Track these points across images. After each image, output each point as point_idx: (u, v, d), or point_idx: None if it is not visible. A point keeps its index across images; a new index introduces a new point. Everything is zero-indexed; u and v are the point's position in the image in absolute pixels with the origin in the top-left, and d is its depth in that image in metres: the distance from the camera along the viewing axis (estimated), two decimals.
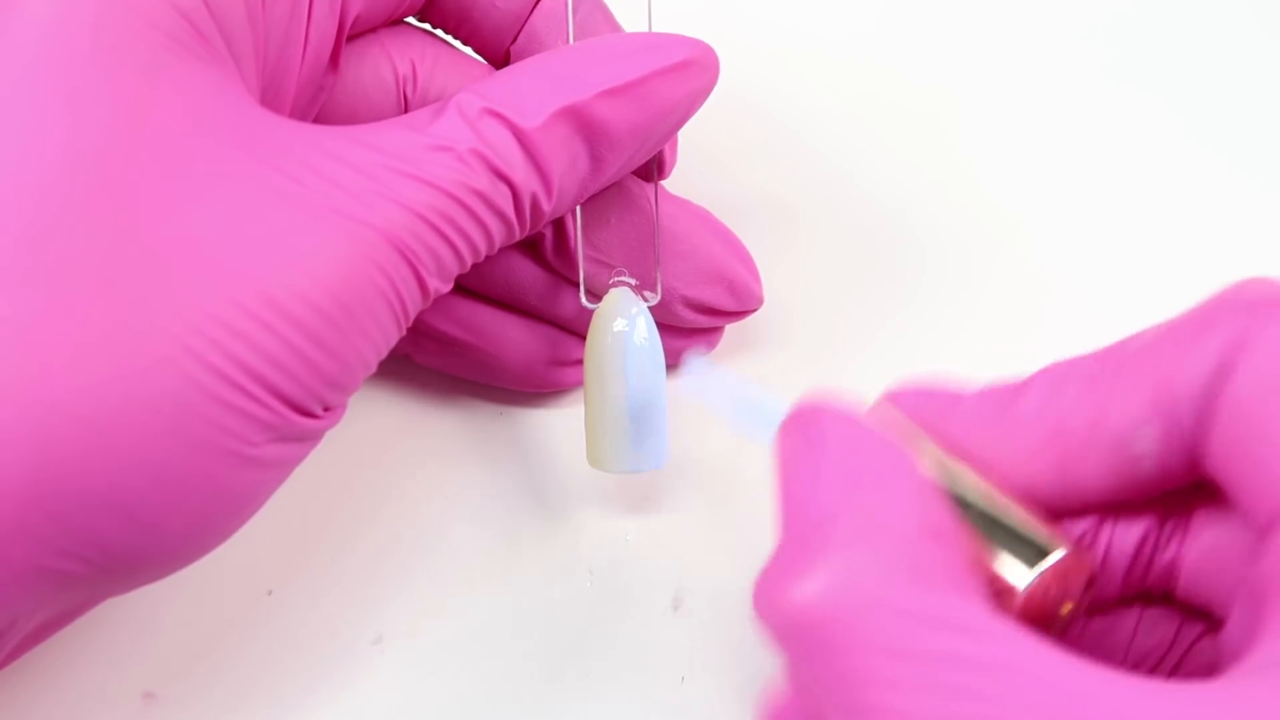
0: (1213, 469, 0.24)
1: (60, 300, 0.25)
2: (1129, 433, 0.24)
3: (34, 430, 0.25)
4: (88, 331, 0.25)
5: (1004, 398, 0.26)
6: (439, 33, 0.34)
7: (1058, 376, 0.26)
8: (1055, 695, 0.20)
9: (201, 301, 0.26)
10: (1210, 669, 0.26)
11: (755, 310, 0.36)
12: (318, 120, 0.33)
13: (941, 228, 0.40)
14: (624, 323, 0.33)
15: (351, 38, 0.32)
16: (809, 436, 0.25)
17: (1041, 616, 0.25)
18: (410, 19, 0.34)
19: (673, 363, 0.35)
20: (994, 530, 0.25)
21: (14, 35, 0.26)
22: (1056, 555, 0.24)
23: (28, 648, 0.28)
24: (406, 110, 0.33)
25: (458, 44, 0.34)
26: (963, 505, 0.25)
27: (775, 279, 0.37)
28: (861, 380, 0.37)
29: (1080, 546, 0.25)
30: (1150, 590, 0.27)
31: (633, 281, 0.34)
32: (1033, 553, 0.24)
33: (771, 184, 0.40)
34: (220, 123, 0.27)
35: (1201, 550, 0.26)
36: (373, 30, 0.33)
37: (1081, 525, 0.26)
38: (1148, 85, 0.42)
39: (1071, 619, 0.25)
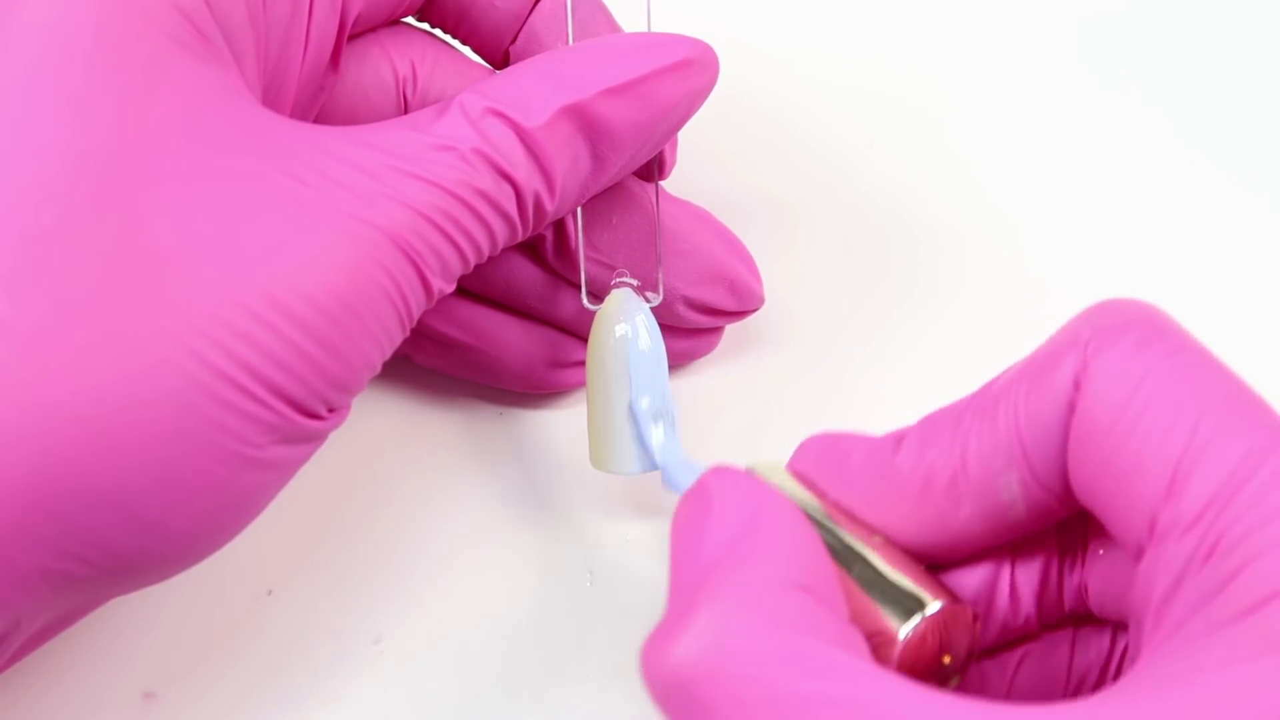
0: (1082, 501, 0.25)
1: (62, 301, 0.25)
2: (992, 482, 0.25)
3: (36, 431, 0.25)
4: (90, 333, 0.25)
5: (885, 451, 0.26)
6: (439, 33, 0.34)
7: (930, 427, 0.26)
8: None
9: (204, 302, 0.26)
10: None
11: (756, 310, 0.36)
12: (317, 120, 0.33)
13: (940, 228, 0.40)
14: (626, 324, 0.33)
15: (351, 38, 0.32)
16: (699, 501, 0.25)
17: (923, 668, 0.25)
18: (410, 19, 0.34)
19: (674, 364, 0.36)
20: (874, 587, 0.25)
21: (15, 35, 0.26)
22: (932, 608, 0.25)
23: (31, 649, 0.28)
24: (406, 111, 0.33)
25: (457, 44, 0.34)
26: (846, 564, 0.26)
27: (775, 279, 0.37)
28: (861, 380, 0.38)
29: (956, 598, 0.26)
30: (1074, 613, 0.27)
31: (634, 282, 0.34)
32: (909, 606, 0.25)
33: (771, 184, 0.40)
34: (222, 123, 0.27)
35: (1102, 572, 0.26)
36: (373, 30, 0.33)
37: (981, 570, 0.27)
38: (1145, 87, 0.42)
39: (954, 669, 0.26)
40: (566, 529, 0.35)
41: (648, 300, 0.34)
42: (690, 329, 0.36)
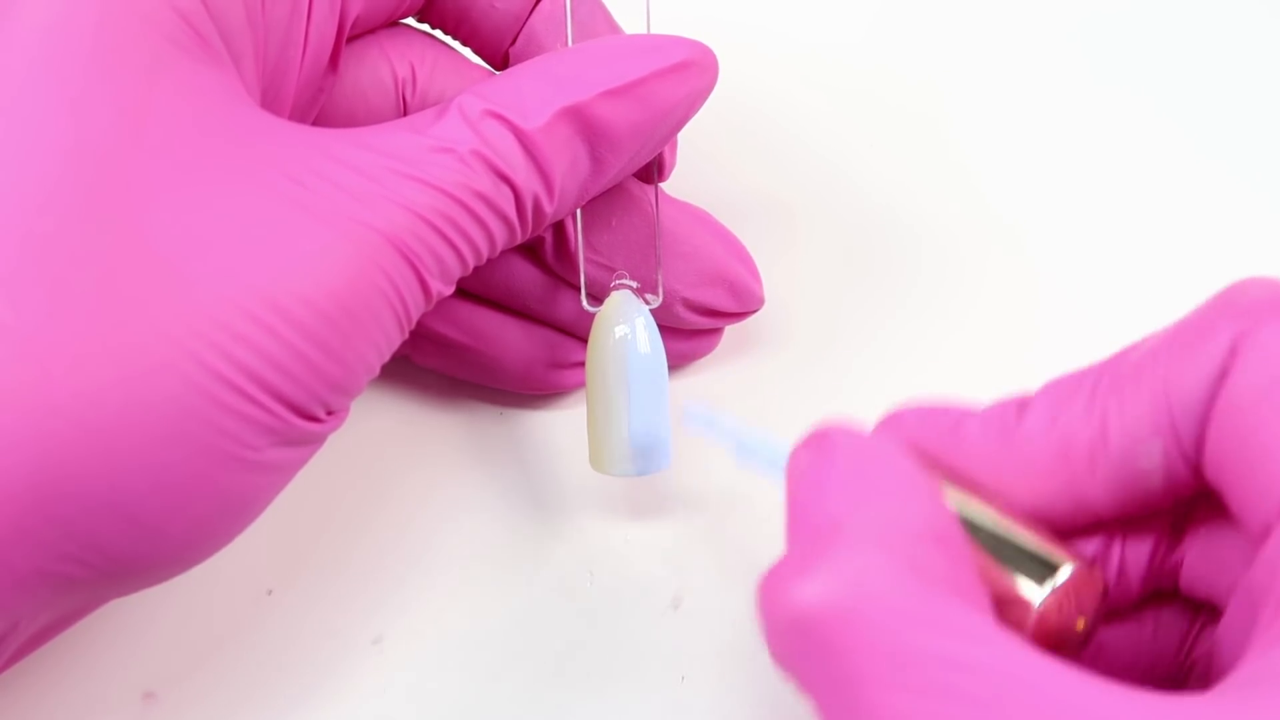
0: (1211, 476, 0.24)
1: (61, 304, 0.25)
2: (1134, 449, 0.24)
3: (35, 434, 0.25)
4: (89, 336, 0.25)
5: (1007, 418, 0.26)
6: (438, 35, 0.34)
7: (1060, 393, 0.25)
8: (1050, 703, 0.20)
9: (204, 305, 0.26)
10: (1210, 659, 0.26)
11: (756, 311, 0.36)
12: (316, 122, 0.33)
13: (940, 228, 0.40)
14: (625, 326, 0.33)
15: (350, 39, 0.32)
16: (819, 452, 0.24)
17: (1057, 634, 0.25)
18: (409, 20, 0.34)
19: (674, 365, 0.35)
20: (1004, 551, 0.25)
21: (15, 38, 0.26)
22: (1067, 571, 0.24)
23: (30, 650, 0.28)
24: (405, 112, 0.33)
25: (457, 46, 0.34)
26: (972, 528, 0.25)
27: (775, 280, 0.37)
28: (861, 380, 0.38)
29: (1090, 562, 0.25)
30: (1162, 589, 0.27)
31: (634, 284, 0.34)
32: (1044, 570, 0.24)
33: (770, 185, 0.40)
34: (221, 125, 0.27)
35: (1200, 547, 0.26)
36: (372, 32, 0.33)
37: (1092, 543, 0.26)
38: (1144, 88, 0.42)
39: (1087, 635, 0.25)
40: (566, 529, 0.35)
41: (647, 302, 0.34)
42: (690, 330, 0.36)
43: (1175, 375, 0.24)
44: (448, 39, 0.34)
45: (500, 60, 0.34)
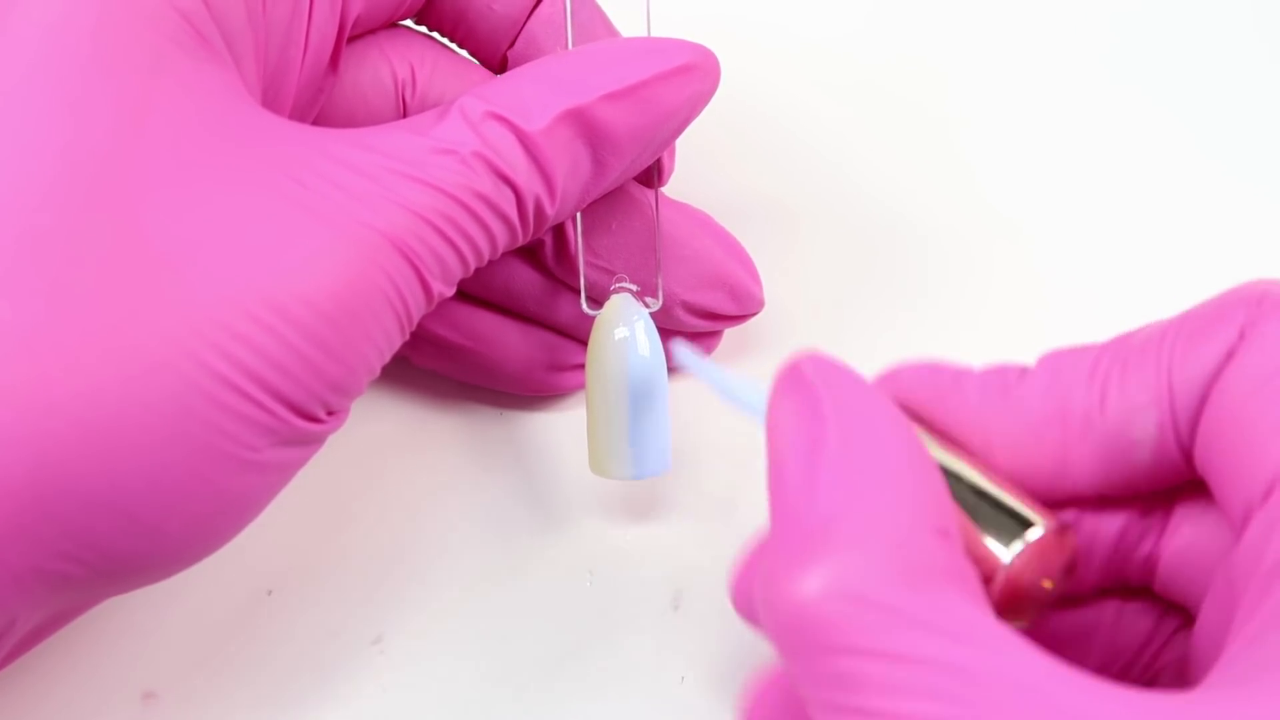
0: (1199, 460, 0.24)
1: (60, 303, 0.25)
2: (1129, 418, 0.25)
3: (33, 433, 0.25)
4: (87, 335, 0.25)
5: (1007, 380, 0.26)
6: (437, 36, 0.34)
7: (1062, 363, 0.26)
8: (1034, 703, 0.21)
9: (203, 305, 0.26)
10: (1184, 663, 0.26)
11: (756, 313, 0.36)
12: (315, 123, 0.33)
13: (941, 230, 0.40)
14: (625, 329, 0.33)
15: (350, 40, 0.32)
16: (806, 406, 0.24)
17: (1023, 591, 0.25)
18: (408, 22, 0.34)
19: (673, 367, 0.35)
20: (981, 505, 0.25)
21: (14, 37, 0.26)
22: (1036, 531, 0.25)
23: (27, 648, 0.28)
24: (404, 114, 0.33)
25: (456, 48, 0.34)
26: (952, 482, 0.25)
27: (775, 282, 0.36)
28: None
29: (1064, 524, 0.25)
30: (1129, 583, 0.27)
31: (634, 287, 0.34)
32: (1018, 527, 0.25)
33: (771, 187, 0.40)
34: (222, 125, 0.27)
35: (1179, 546, 0.26)
36: (371, 32, 0.33)
37: (1065, 513, 0.26)
38: (1147, 87, 0.42)
39: (1053, 596, 0.26)
40: (566, 529, 0.36)
41: (647, 305, 0.34)
42: (689, 333, 0.36)
43: (1181, 354, 0.24)
44: (447, 41, 0.34)
45: (498, 62, 0.34)
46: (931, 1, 0.44)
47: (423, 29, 0.34)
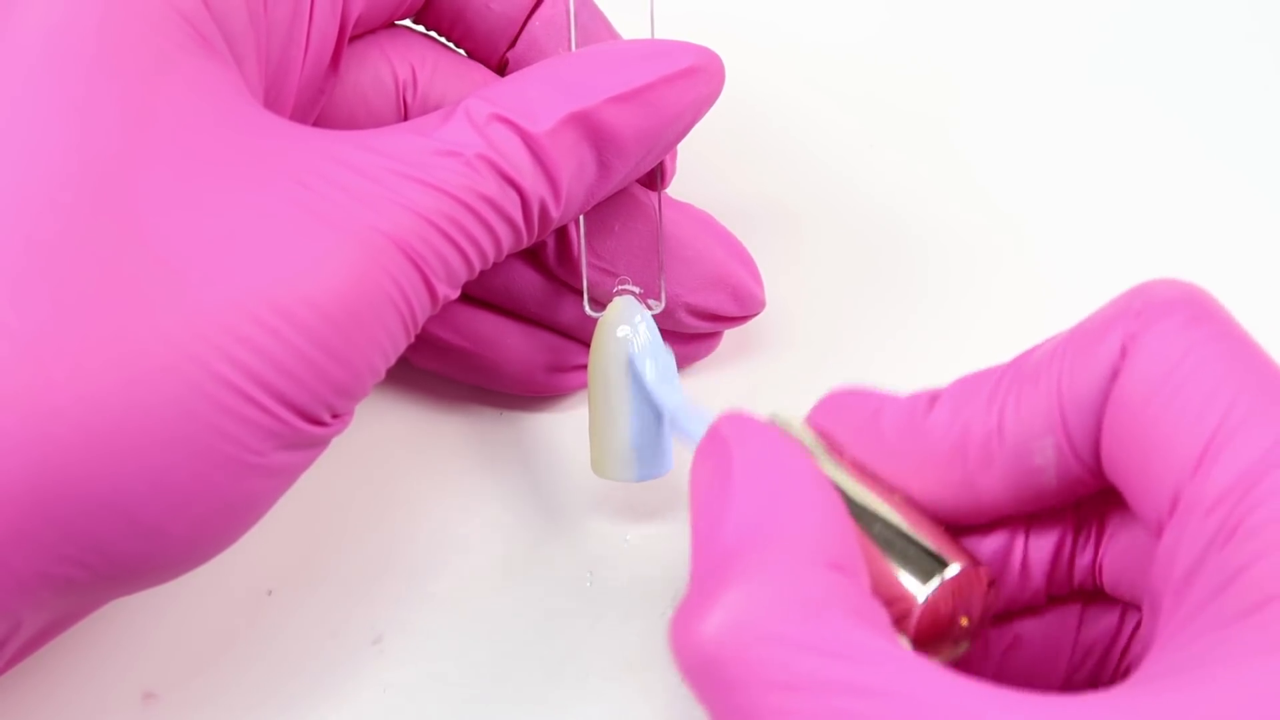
0: (1109, 475, 0.25)
1: (65, 307, 0.25)
2: (1027, 446, 0.25)
3: (37, 437, 0.25)
4: (92, 339, 0.25)
5: (916, 410, 0.26)
6: (437, 37, 0.34)
7: (966, 388, 0.26)
8: (936, 714, 0.21)
9: (208, 308, 0.26)
10: None
11: (758, 314, 0.36)
12: (316, 124, 0.32)
13: (943, 231, 0.40)
14: (628, 330, 0.33)
15: (351, 40, 0.32)
16: (718, 457, 0.25)
17: (940, 630, 0.25)
18: (407, 22, 0.34)
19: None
20: (894, 546, 0.25)
21: (18, 41, 0.26)
22: (951, 570, 0.25)
23: (30, 650, 0.28)
24: (406, 115, 0.33)
25: (455, 48, 0.34)
26: (865, 522, 0.26)
27: (776, 282, 0.37)
28: (862, 383, 0.37)
29: (976, 562, 0.26)
30: (1084, 587, 0.27)
31: (636, 289, 0.34)
32: (930, 567, 0.25)
33: (773, 188, 0.40)
34: (226, 127, 0.27)
35: (1118, 550, 0.26)
36: (372, 32, 0.33)
37: (995, 538, 0.27)
38: (1147, 87, 0.42)
39: (973, 632, 0.26)
40: (566, 529, 0.36)
41: (650, 307, 0.34)
42: (690, 333, 0.36)
43: (1068, 376, 0.25)
44: (447, 41, 0.34)
45: (497, 62, 0.34)
46: (932, 4, 0.44)
47: (421, 28, 0.34)
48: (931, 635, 0.25)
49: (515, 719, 0.33)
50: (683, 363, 0.37)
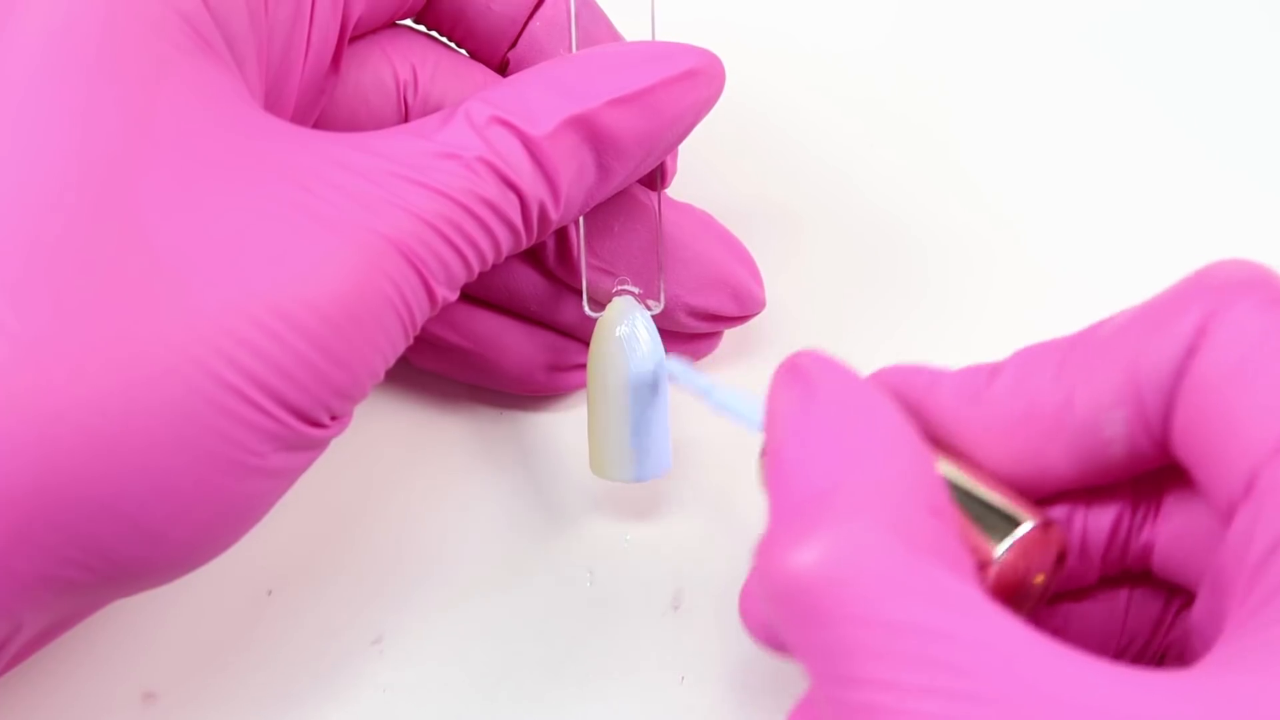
0: (1178, 454, 0.25)
1: (66, 310, 0.25)
2: (1097, 417, 0.25)
3: (38, 439, 0.25)
4: (93, 341, 0.25)
5: (979, 380, 0.26)
6: (438, 36, 0.34)
7: (1031, 359, 0.26)
8: (1031, 675, 0.21)
9: (208, 311, 0.26)
10: (1185, 641, 0.27)
11: (757, 314, 0.36)
12: (317, 124, 0.32)
13: (943, 232, 0.40)
14: (627, 330, 0.33)
15: (351, 40, 0.32)
16: (801, 395, 0.25)
17: (1015, 587, 0.25)
18: (408, 22, 0.34)
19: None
20: (969, 504, 0.25)
21: (19, 43, 0.26)
22: (1027, 526, 0.25)
23: (31, 652, 0.28)
24: (406, 115, 0.33)
25: (456, 48, 0.34)
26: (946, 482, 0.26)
27: (777, 283, 0.37)
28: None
29: (1050, 519, 0.25)
30: (1131, 570, 0.27)
31: (636, 290, 0.34)
32: (1005, 525, 0.25)
33: (773, 188, 0.40)
34: (226, 130, 0.27)
35: (1173, 532, 0.26)
36: (373, 32, 0.33)
37: (1055, 511, 0.27)
38: (1146, 88, 0.42)
39: (1045, 590, 0.26)
40: (566, 529, 0.36)
41: (649, 308, 0.34)
42: (690, 334, 0.36)
43: (1144, 350, 0.24)
44: (447, 41, 0.34)
45: (498, 63, 0.34)
46: (932, 6, 0.44)
47: (422, 29, 0.34)
48: (1007, 592, 0.25)
49: (515, 719, 0.33)
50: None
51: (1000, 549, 0.25)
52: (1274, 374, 0.23)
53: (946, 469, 0.26)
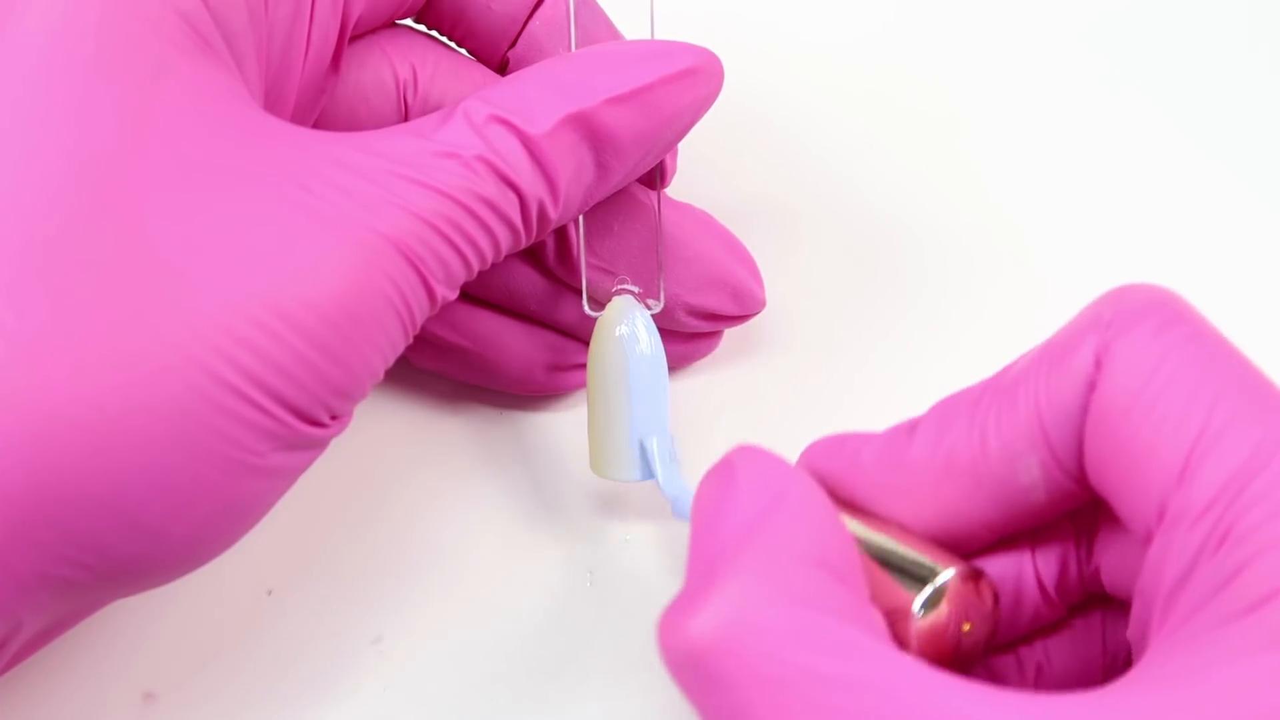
0: (1096, 488, 0.25)
1: (64, 308, 0.25)
2: (1013, 465, 0.25)
3: (36, 437, 0.25)
4: (91, 340, 0.25)
5: (898, 442, 0.26)
6: (438, 36, 0.34)
7: (945, 412, 0.26)
8: (934, 713, 0.21)
9: (207, 309, 0.26)
10: None
11: (757, 314, 0.36)
12: (317, 124, 0.32)
13: (943, 232, 0.40)
14: (627, 330, 0.33)
15: (351, 40, 0.32)
16: (723, 477, 0.25)
17: (943, 640, 0.25)
18: (408, 21, 0.34)
19: (673, 367, 0.35)
20: (889, 561, 0.26)
21: (17, 42, 0.26)
22: (945, 576, 0.25)
23: (30, 652, 0.28)
24: (406, 115, 0.33)
25: (456, 47, 0.34)
26: (863, 544, 0.26)
27: (778, 283, 0.37)
28: (862, 383, 0.37)
29: (973, 568, 0.26)
30: (1096, 594, 0.27)
31: (635, 289, 0.34)
32: (924, 574, 0.25)
33: (773, 188, 0.40)
34: (225, 129, 0.27)
35: (1114, 555, 0.26)
36: (372, 32, 0.33)
37: (1002, 561, 0.27)
38: (1149, 90, 0.42)
39: (982, 639, 0.26)
40: (566, 529, 0.36)
41: (649, 307, 0.34)
42: (690, 333, 0.36)
43: (1045, 390, 0.25)
44: (448, 40, 0.34)
45: (498, 62, 0.34)
46: (932, 6, 0.44)
47: (422, 28, 0.34)
48: (936, 644, 0.25)
49: (515, 719, 0.33)
50: (684, 362, 0.37)
51: (918, 601, 0.25)
52: (1171, 400, 0.23)
53: (858, 529, 0.26)
